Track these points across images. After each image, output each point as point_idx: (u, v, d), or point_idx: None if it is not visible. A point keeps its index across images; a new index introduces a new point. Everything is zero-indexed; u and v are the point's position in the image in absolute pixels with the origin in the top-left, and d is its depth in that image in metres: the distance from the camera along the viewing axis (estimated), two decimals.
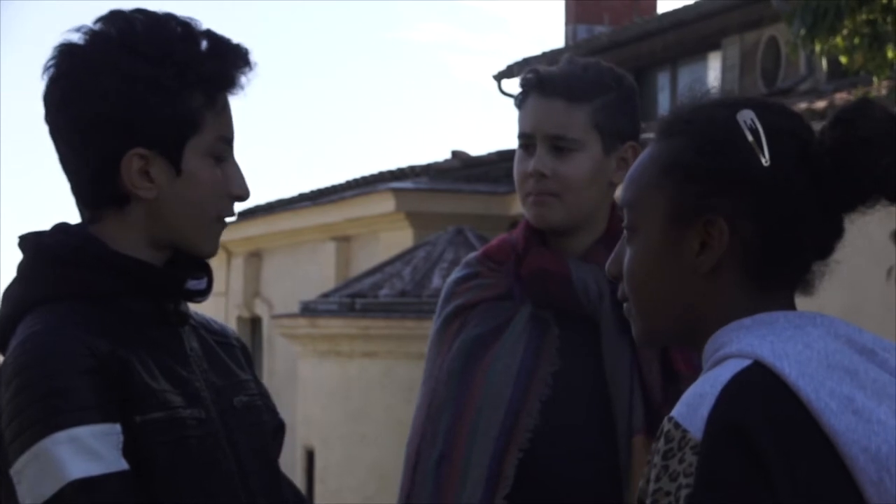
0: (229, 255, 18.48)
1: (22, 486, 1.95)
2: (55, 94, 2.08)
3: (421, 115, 51.78)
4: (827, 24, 6.99)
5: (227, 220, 2.15)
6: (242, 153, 2.15)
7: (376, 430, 11.04)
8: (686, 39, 14.86)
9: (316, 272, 15.55)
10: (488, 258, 2.73)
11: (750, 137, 1.63)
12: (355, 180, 16.55)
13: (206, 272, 2.17)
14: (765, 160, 1.62)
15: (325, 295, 12.41)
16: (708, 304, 1.65)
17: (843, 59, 7.40)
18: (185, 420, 2.05)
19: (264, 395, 2.27)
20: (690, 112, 1.71)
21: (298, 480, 12.03)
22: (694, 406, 1.55)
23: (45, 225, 2.13)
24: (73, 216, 2.16)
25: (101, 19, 2.08)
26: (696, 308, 1.66)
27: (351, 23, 55.84)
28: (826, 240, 1.67)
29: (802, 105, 10.17)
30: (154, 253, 2.10)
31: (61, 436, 1.94)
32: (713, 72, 14.81)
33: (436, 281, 11.08)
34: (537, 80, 2.63)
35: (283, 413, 2.35)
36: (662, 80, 15.96)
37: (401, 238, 13.63)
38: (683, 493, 1.52)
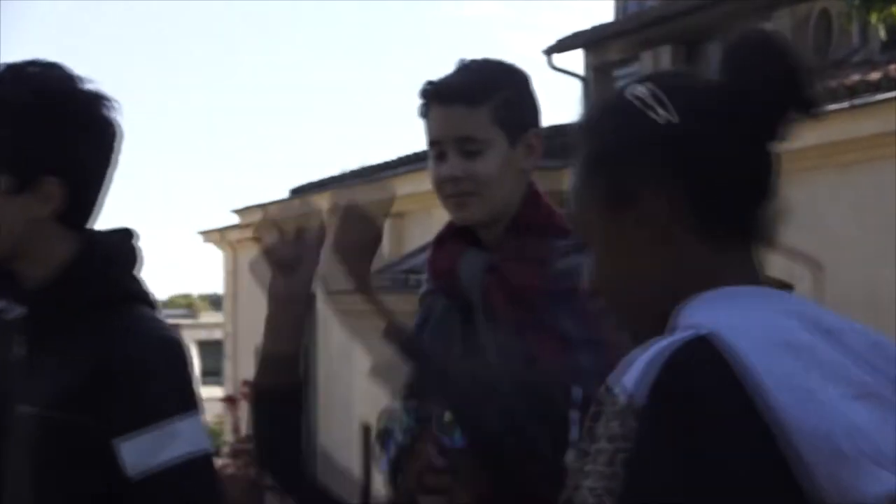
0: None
1: None
2: None
3: None
4: None
5: None
6: (294, 129, 2.16)
7: None
8: (737, 12, 14.76)
9: None
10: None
11: (637, 103, 1.66)
12: (407, 156, 16.55)
13: (10, 286, 2.25)
14: (660, 118, 1.64)
15: (380, 271, 12.43)
16: (676, 276, 1.64)
17: None
18: None
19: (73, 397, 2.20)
20: (582, 118, 1.75)
21: (355, 456, 12.07)
22: (636, 371, 1.53)
23: None
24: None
25: None
26: (669, 285, 1.64)
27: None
28: (760, 176, 1.66)
29: (856, 77, 10.07)
30: None
31: None
32: None
33: None
34: (435, 91, 2.70)
35: (340, 390, 2.37)
36: (713, 53, 15.87)
37: None
38: (620, 456, 1.51)
